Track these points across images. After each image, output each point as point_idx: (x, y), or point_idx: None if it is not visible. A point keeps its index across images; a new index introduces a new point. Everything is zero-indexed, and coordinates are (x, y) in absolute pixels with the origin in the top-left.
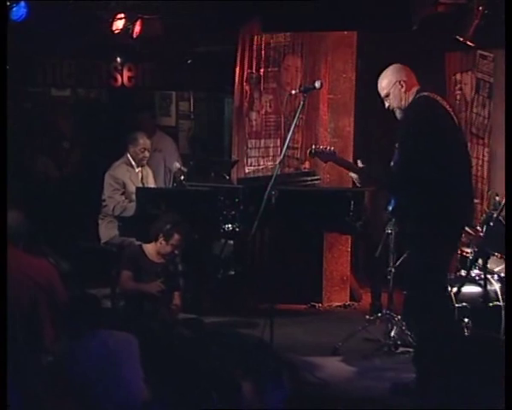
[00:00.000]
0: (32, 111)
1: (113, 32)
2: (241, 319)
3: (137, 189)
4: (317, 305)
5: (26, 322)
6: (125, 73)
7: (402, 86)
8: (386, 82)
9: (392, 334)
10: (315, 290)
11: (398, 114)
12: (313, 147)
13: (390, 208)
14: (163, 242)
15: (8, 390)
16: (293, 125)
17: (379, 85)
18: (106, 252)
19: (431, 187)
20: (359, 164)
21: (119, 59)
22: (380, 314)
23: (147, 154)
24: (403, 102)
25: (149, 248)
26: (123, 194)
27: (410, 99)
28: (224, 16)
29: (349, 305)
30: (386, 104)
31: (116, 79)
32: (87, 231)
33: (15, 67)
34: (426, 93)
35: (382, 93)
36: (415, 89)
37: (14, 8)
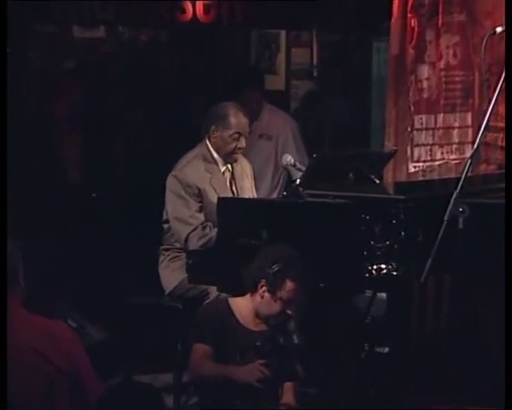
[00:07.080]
0: (40, 65)
1: None
2: None
3: (220, 200)
4: None
5: None
6: (199, 1)
7: None
8: None
9: None
10: None
11: None
12: None
13: None
14: (266, 294)
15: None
16: (497, 91)
17: None
18: (168, 311)
19: None
20: None
21: None
22: None
23: (243, 143)
24: None
25: (242, 306)
26: (201, 211)
27: None
28: None
29: None
30: None
31: (184, 11)
32: (137, 274)
33: None
34: None
35: None
36: None
37: None
